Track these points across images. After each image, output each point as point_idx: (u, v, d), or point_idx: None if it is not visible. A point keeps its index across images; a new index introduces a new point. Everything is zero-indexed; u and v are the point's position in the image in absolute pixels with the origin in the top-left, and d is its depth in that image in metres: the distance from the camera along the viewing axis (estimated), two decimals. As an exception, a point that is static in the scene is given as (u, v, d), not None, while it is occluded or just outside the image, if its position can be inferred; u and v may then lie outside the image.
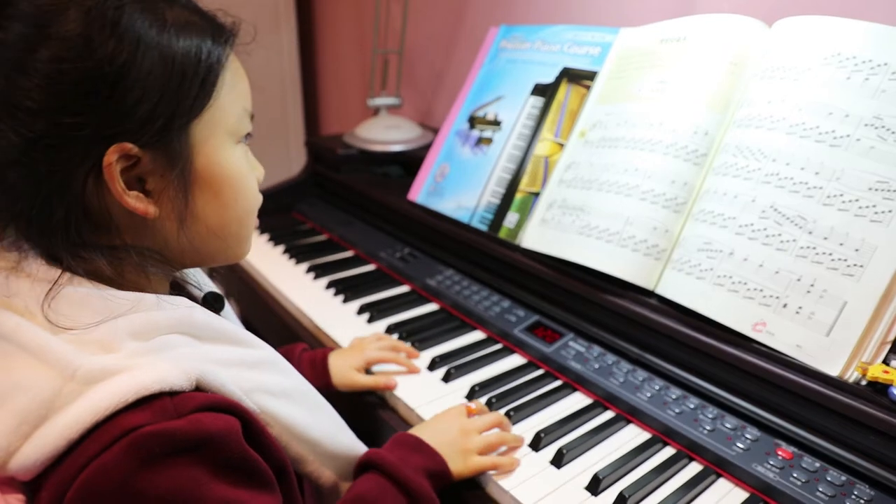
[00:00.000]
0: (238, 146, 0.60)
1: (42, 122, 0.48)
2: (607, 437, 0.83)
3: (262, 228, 1.48)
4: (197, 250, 0.60)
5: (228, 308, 0.74)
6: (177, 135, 0.53)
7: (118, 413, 0.47)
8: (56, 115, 0.49)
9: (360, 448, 0.73)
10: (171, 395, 0.49)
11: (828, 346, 0.74)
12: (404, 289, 1.21)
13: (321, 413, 0.69)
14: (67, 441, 0.46)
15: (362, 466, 0.70)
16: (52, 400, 0.47)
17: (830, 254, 0.76)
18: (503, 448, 0.79)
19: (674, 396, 0.84)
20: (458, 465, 0.74)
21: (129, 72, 0.50)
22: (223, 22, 0.59)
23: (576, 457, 0.79)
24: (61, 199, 0.51)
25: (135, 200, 0.53)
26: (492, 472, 0.76)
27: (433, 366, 0.96)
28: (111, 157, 0.50)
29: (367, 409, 0.92)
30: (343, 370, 0.93)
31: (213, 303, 0.70)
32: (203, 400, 0.51)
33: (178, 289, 0.67)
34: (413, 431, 0.77)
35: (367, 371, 0.95)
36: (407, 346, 1.00)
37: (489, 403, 0.87)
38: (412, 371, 0.95)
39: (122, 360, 0.49)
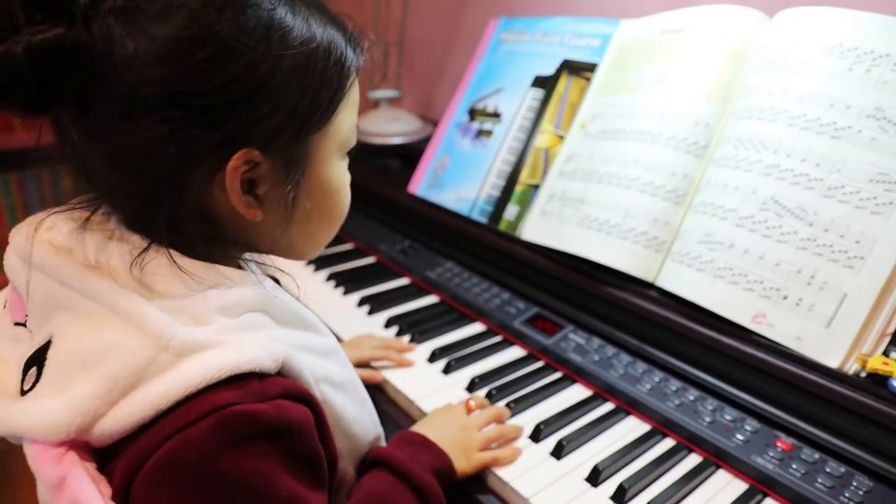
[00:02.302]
0: (343, 159, 0.60)
1: (180, 116, 0.48)
2: (607, 428, 0.83)
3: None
4: (282, 248, 0.60)
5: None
6: (299, 145, 0.54)
7: (208, 388, 0.46)
8: (195, 112, 0.48)
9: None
10: (260, 377, 0.49)
11: (828, 338, 0.74)
12: (404, 281, 1.21)
13: (364, 409, 0.68)
14: (156, 411, 0.46)
15: (370, 464, 0.69)
16: (145, 368, 0.46)
17: (831, 246, 0.76)
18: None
19: (673, 388, 0.84)
20: (462, 463, 0.74)
21: (270, 80, 0.50)
22: (355, 31, 0.58)
23: (576, 448, 0.79)
24: (175, 189, 0.51)
25: (245, 204, 0.53)
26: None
27: (433, 358, 0.96)
28: (237, 161, 0.50)
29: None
30: None
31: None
32: (286, 386, 0.51)
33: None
34: (415, 429, 0.76)
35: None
36: (403, 341, 1.00)
37: (489, 395, 0.87)
38: (403, 364, 0.95)
39: (215, 334, 0.49)
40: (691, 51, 0.97)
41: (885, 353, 0.72)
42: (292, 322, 0.58)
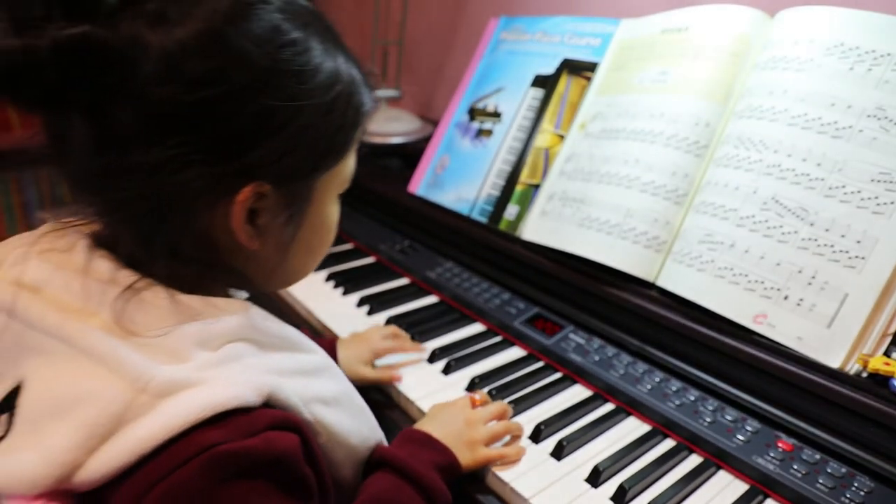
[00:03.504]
0: (337, 198, 0.61)
1: (200, 141, 0.47)
2: (607, 429, 0.83)
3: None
4: (266, 278, 0.60)
5: None
6: (307, 182, 0.55)
7: (193, 429, 0.45)
8: (216, 140, 0.48)
9: None
10: (246, 411, 0.47)
11: (829, 338, 0.74)
12: (404, 281, 1.21)
13: (362, 417, 0.67)
14: (138, 456, 0.44)
15: (373, 465, 0.68)
16: (123, 413, 0.44)
17: (832, 246, 0.76)
18: (507, 438, 0.79)
19: (674, 388, 0.84)
20: (466, 457, 0.73)
21: (296, 119, 0.50)
22: (368, 72, 0.59)
23: (576, 449, 0.79)
24: (180, 213, 0.50)
25: (246, 234, 0.52)
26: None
27: (433, 358, 0.96)
28: (248, 193, 0.50)
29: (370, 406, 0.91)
30: (351, 362, 0.92)
31: None
32: (273, 417, 0.49)
33: None
34: (419, 426, 0.76)
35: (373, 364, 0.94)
36: (406, 335, 1.00)
37: (489, 395, 0.87)
38: (418, 351, 0.96)
39: (195, 371, 0.47)
40: (692, 50, 0.96)
41: (887, 354, 0.72)
42: (277, 345, 0.56)
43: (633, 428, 0.83)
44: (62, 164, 0.51)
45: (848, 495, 0.67)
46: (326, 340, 0.95)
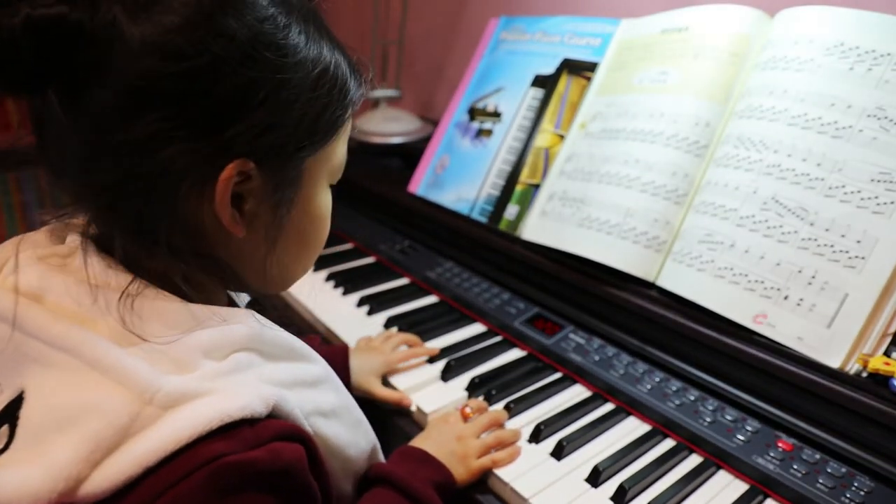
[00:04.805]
0: (329, 188, 0.60)
1: (181, 116, 0.46)
2: (607, 429, 0.83)
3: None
4: (259, 276, 0.58)
5: None
6: (294, 164, 0.53)
7: (198, 440, 0.44)
8: (196, 114, 0.47)
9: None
10: (251, 422, 0.47)
11: (829, 338, 0.74)
12: (404, 281, 1.21)
13: (360, 430, 0.67)
14: (144, 468, 0.43)
15: (371, 480, 0.68)
16: (129, 425, 0.43)
17: (832, 245, 0.76)
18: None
19: (674, 388, 0.84)
20: (461, 472, 0.74)
21: (278, 93, 0.49)
22: (361, 62, 0.58)
23: (576, 449, 0.79)
24: (166, 195, 0.48)
25: (231, 217, 0.51)
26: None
27: (433, 358, 0.96)
28: (231, 171, 0.48)
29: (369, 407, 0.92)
30: (363, 375, 0.90)
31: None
32: (278, 428, 0.48)
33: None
34: (414, 443, 0.76)
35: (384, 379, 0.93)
36: (414, 338, 0.99)
37: (489, 395, 0.87)
38: (431, 353, 0.96)
39: (201, 382, 0.46)
40: (692, 50, 0.96)
41: (887, 354, 0.72)
42: (281, 355, 0.56)
43: (633, 428, 0.83)
44: (45, 152, 0.50)
45: (848, 495, 0.67)
46: (338, 348, 0.94)
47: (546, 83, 1.17)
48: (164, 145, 0.46)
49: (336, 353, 0.92)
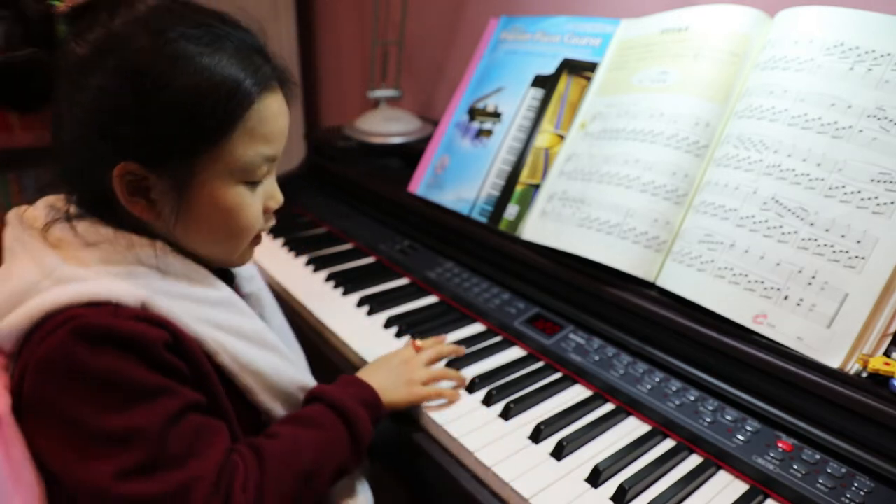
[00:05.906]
0: (240, 185, 0.68)
1: (94, 122, 0.61)
2: (607, 429, 0.83)
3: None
4: (195, 251, 0.71)
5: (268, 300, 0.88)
6: (179, 165, 0.64)
7: (72, 307, 0.59)
8: (103, 121, 0.61)
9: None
10: (117, 305, 0.60)
11: (829, 338, 0.74)
12: (404, 281, 1.21)
13: (276, 354, 0.75)
14: (30, 320, 0.59)
15: (307, 400, 0.77)
16: (30, 289, 0.61)
17: (832, 246, 0.76)
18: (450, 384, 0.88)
19: (674, 388, 0.84)
20: (402, 393, 0.82)
21: (157, 107, 0.60)
22: (266, 69, 0.67)
23: (576, 449, 0.79)
24: (99, 185, 0.64)
25: (133, 204, 0.65)
26: (490, 463, 0.76)
27: (433, 358, 0.96)
28: (120, 171, 0.62)
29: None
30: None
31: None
32: (139, 313, 0.61)
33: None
34: (361, 371, 0.86)
35: None
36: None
37: (489, 395, 0.87)
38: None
39: (88, 273, 0.62)
40: (692, 50, 0.96)
41: (887, 354, 0.72)
42: (179, 276, 0.68)
43: (633, 428, 0.83)
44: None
45: (848, 495, 0.67)
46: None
47: (546, 83, 1.17)
48: (83, 144, 0.63)
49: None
